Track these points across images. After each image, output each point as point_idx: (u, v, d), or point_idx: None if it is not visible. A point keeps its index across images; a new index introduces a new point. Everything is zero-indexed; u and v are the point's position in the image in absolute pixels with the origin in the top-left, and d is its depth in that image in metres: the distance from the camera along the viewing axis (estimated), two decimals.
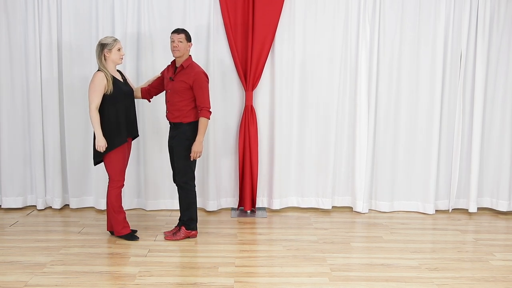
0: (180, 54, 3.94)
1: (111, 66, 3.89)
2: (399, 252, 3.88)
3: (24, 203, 4.90)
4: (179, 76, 3.96)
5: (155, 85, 4.21)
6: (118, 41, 3.90)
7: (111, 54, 3.85)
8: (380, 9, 4.78)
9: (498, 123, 4.97)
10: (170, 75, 4.03)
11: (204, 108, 3.93)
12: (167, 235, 4.13)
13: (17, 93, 4.76)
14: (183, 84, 3.93)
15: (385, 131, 4.94)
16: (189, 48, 4.01)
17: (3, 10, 4.65)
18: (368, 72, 4.83)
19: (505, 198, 5.02)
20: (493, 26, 4.84)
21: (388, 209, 5.01)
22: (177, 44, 3.92)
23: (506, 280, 3.38)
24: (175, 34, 3.95)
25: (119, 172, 3.93)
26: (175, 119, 3.99)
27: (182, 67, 3.96)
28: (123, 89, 3.90)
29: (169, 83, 4.00)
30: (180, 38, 3.93)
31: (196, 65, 4.01)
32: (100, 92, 3.78)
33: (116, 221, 4.01)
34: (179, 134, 3.99)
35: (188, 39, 3.98)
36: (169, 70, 4.08)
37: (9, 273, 3.36)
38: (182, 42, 3.93)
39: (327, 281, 3.32)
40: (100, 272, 3.40)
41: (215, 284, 3.23)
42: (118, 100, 3.87)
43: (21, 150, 4.84)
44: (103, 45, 3.84)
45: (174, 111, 3.98)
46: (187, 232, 4.11)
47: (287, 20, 4.77)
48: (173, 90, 3.96)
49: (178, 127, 4.00)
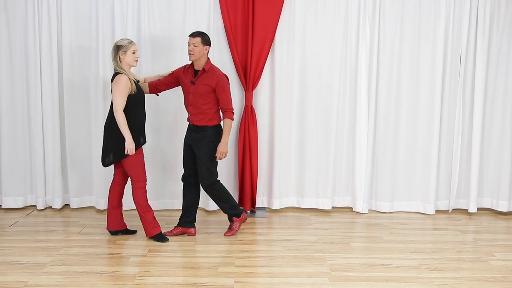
0: (195, 58, 3.96)
1: (126, 68, 3.88)
2: (399, 252, 3.88)
3: (24, 203, 4.90)
4: (201, 79, 3.98)
5: (166, 82, 4.21)
6: (133, 43, 3.88)
7: (126, 56, 3.83)
8: (380, 9, 4.78)
9: (498, 123, 4.97)
10: (190, 78, 4.04)
11: (228, 110, 3.99)
12: (226, 233, 4.20)
13: (17, 93, 4.76)
14: (206, 88, 3.96)
15: (385, 131, 4.94)
16: (205, 52, 3.99)
17: (3, 11, 4.65)
18: (368, 72, 4.83)
19: (505, 199, 5.01)
20: (493, 26, 4.84)
21: (388, 209, 5.01)
22: (192, 48, 3.94)
23: (506, 280, 3.38)
24: (191, 38, 3.98)
25: (141, 173, 3.93)
26: (199, 122, 4.02)
27: (204, 70, 3.98)
28: (141, 92, 3.92)
29: (191, 87, 4.01)
30: (195, 42, 3.94)
31: (216, 68, 4.06)
32: (126, 95, 3.78)
33: (146, 222, 3.99)
34: (203, 137, 4.02)
35: (205, 43, 3.97)
36: (186, 72, 4.09)
37: (9, 273, 3.36)
38: (197, 46, 3.94)
39: (327, 281, 3.32)
40: (100, 272, 3.40)
41: (215, 284, 3.23)
42: (138, 102, 3.87)
43: (21, 150, 4.83)
44: (119, 47, 3.83)
45: (198, 114, 4.01)
46: (239, 219, 4.20)
47: (287, 20, 4.77)
48: (196, 94, 3.98)
49: (201, 130, 4.03)
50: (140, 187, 3.94)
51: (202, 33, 3.99)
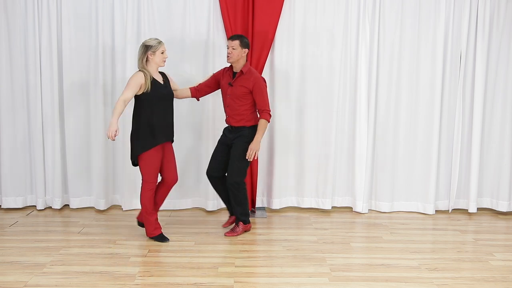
0: (233, 60, 4.04)
1: (153, 67, 3.87)
2: (399, 252, 3.88)
3: (24, 203, 4.90)
4: (238, 81, 4.05)
5: (207, 84, 4.26)
6: (162, 43, 3.87)
7: (155, 57, 3.83)
8: (380, 9, 4.78)
9: (498, 123, 4.98)
10: (228, 80, 4.11)
11: (265, 111, 4.04)
12: (227, 233, 4.21)
13: (17, 93, 4.76)
14: (244, 89, 4.03)
15: (385, 131, 4.94)
16: (244, 54, 4.07)
17: (3, 12, 4.64)
18: (368, 72, 4.83)
19: (505, 199, 5.02)
20: (493, 26, 4.84)
21: (388, 209, 5.01)
22: (230, 50, 4.02)
23: (506, 280, 3.38)
24: (229, 41, 4.06)
25: (151, 174, 3.89)
26: (236, 123, 4.11)
27: (242, 72, 4.05)
28: (161, 92, 3.86)
29: (229, 89, 4.08)
30: (234, 45, 4.01)
31: (254, 70, 4.12)
32: (133, 88, 3.75)
33: (149, 222, 4.00)
34: (239, 136, 4.11)
35: (243, 45, 4.04)
36: (225, 74, 4.18)
37: (9, 273, 3.36)
38: (236, 49, 4.01)
39: (327, 281, 3.32)
40: (100, 272, 3.40)
41: (215, 284, 3.23)
42: (154, 103, 3.83)
43: (21, 150, 4.83)
44: (148, 46, 3.81)
45: (235, 116, 4.09)
46: (244, 226, 4.24)
47: (287, 20, 4.77)
48: (234, 95, 4.06)
49: (239, 131, 4.12)
50: (148, 189, 3.91)
51: (240, 36, 4.07)
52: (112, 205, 4.99)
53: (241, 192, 4.15)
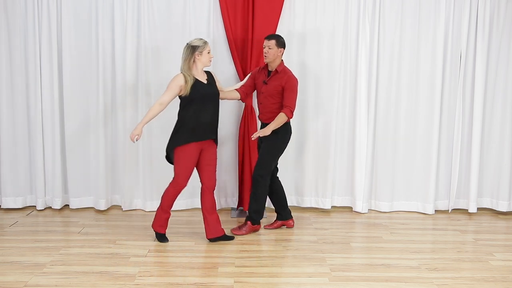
0: (269, 60, 4.11)
1: (199, 67, 3.87)
2: (399, 252, 3.88)
3: (24, 204, 4.89)
4: (272, 80, 4.12)
5: (249, 84, 4.33)
6: (207, 43, 3.87)
7: (202, 57, 3.83)
8: (380, 9, 4.78)
9: (498, 123, 4.98)
10: (263, 78, 4.19)
11: (288, 107, 4.05)
12: (234, 230, 4.24)
13: (17, 94, 4.75)
14: (277, 88, 4.09)
15: (385, 131, 4.95)
16: (280, 54, 4.13)
17: (3, 12, 4.64)
18: (367, 72, 4.83)
19: (505, 199, 5.02)
20: (493, 26, 4.84)
21: (388, 209, 5.02)
22: (267, 50, 4.10)
23: (506, 280, 3.38)
24: (266, 40, 4.13)
25: (182, 173, 3.85)
26: (268, 120, 4.17)
27: (276, 71, 4.12)
28: (203, 92, 3.83)
29: (263, 86, 4.16)
30: (270, 44, 4.08)
31: (288, 69, 4.18)
32: (172, 91, 3.80)
33: (159, 217, 3.99)
34: (271, 133, 4.12)
35: (279, 45, 4.11)
36: (260, 72, 4.25)
37: (9, 273, 3.36)
38: (272, 49, 4.08)
39: (327, 281, 3.32)
40: (100, 272, 3.40)
41: (215, 284, 3.23)
42: (195, 102, 3.81)
43: (21, 150, 4.83)
44: (195, 47, 3.80)
45: (267, 113, 4.17)
46: (252, 226, 4.25)
47: (287, 20, 4.77)
48: (267, 93, 4.14)
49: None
50: (174, 187, 3.89)
51: (277, 36, 4.14)
52: (112, 205, 4.98)
53: (261, 188, 4.17)
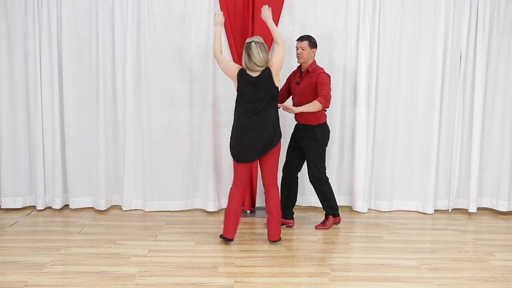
0: (303, 60, 4.17)
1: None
2: (399, 252, 3.88)
3: (24, 204, 4.89)
4: (305, 79, 4.18)
5: (285, 87, 4.42)
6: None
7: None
8: (380, 9, 4.78)
9: (498, 123, 4.98)
10: (296, 79, 4.26)
11: (323, 96, 3.96)
12: (318, 226, 4.41)
13: (17, 94, 4.75)
14: (309, 86, 4.13)
15: (385, 131, 4.95)
16: (313, 54, 4.18)
17: (3, 12, 4.64)
18: (367, 72, 4.83)
19: (505, 198, 5.02)
20: (493, 26, 4.84)
21: (388, 208, 5.02)
22: (300, 51, 4.15)
23: (506, 280, 3.38)
24: (298, 42, 4.18)
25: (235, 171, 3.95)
26: (305, 121, 4.21)
27: (308, 71, 4.17)
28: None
29: (297, 87, 4.22)
30: (303, 45, 4.13)
31: (320, 67, 4.19)
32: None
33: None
34: (309, 136, 4.22)
35: (312, 45, 4.15)
36: (295, 74, 4.33)
37: (9, 273, 3.36)
38: (305, 49, 4.13)
39: (327, 281, 3.32)
40: (100, 272, 3.40)
41: (215, 284, 3.23)
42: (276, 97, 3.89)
43: (21, 150, 4.83)
44: (263, 43, 3.82)
45: (305, 114, 4.16)
46: (334, 219, 4.42)
47: (287, 20, 4.77)
48: (301, 94, 4.18)
49: (308, 129, 4.22)
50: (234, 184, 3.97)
51: (309, 37, 4.17)
52: (112, 205, 4.98)
53: (325, 187, 4.30)
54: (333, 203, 4.38)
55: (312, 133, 4.20)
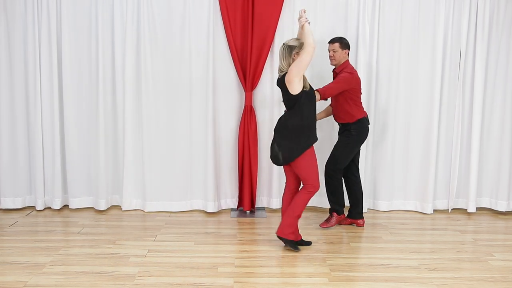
0: (335, 62, 4.24)
1: None
2: (399, 252, 3.88)
3: (23, 204, 4.89)
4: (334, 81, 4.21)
5: None
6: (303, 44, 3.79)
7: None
8: (380, 9, 4.78)
9: (498, 123, 4.98)
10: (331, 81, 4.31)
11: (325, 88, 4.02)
12: (322, 224, 4.41)
13: (16, 95, 4.75)
14: None
15: (384, 131, 4.95)
16: (345, 55, 4.22)
17: (3, 12, 4.64)
18: (367, 72, 4.83)
19: (504, 198, 5.02)
20: (493, 26, 4.85)
21: (387, 208, 5.02)
22: (332, 54, 4.21)
23: (506, 281, 3.38)
24: (330, 44, 4.23)
25: (315, 174, 3.80)
26: (342, 120, 4.30)
27: (336, 73, 4.26)
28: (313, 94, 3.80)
29: None
30: (334, 47, 4.19)
31: (348, 68, 4.19)
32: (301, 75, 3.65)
33: (290, 224, 3.83)
34: (345, 131, 4.29)
35: (343, 47, 4.19)
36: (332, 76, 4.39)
37: (9, 273, 3.36)
38: (336, 52, 4.18)
39: (327, 281, 3.32)
40: (100, 272, 3.40)
41: (215, 284, 3.23)
42: (309, 99, 3.76)
43: (21, 151, 4.83)
44: (292, 47, 3.71)
45: (339, 113, 4.27)
46: (338, 217, 4.41)
47: (287, 20, 4.77)
48: (333, 96, 4.21)
49: (345, 127, 4.29)
50: (311, 191, 3.82)
51: (340, 38, 4.22)
52: (112, 205, 4.98)
53: (335, 182, 4.30)
54: (340, 201, 4.37)
55: (348, 128, 4.26)
